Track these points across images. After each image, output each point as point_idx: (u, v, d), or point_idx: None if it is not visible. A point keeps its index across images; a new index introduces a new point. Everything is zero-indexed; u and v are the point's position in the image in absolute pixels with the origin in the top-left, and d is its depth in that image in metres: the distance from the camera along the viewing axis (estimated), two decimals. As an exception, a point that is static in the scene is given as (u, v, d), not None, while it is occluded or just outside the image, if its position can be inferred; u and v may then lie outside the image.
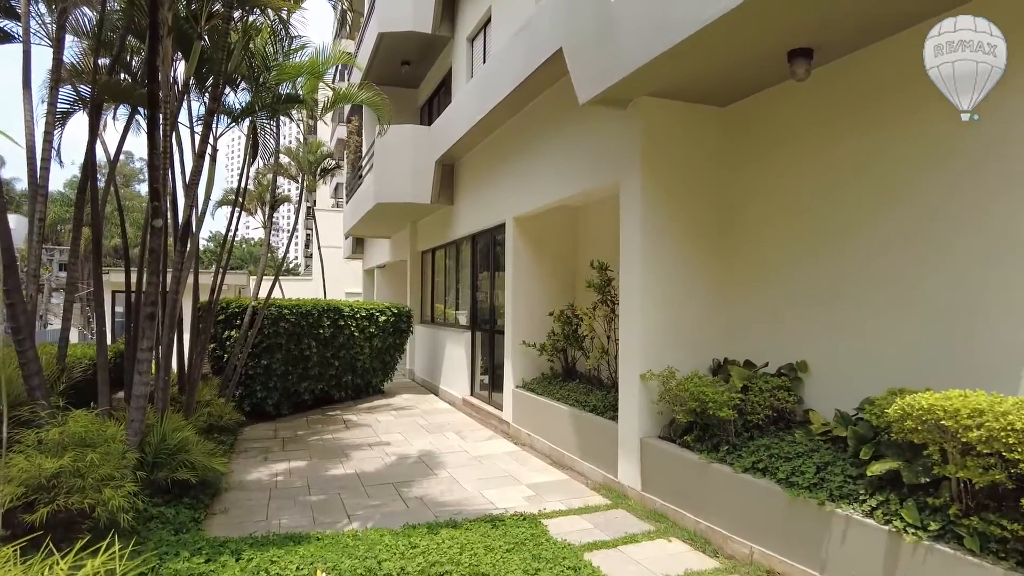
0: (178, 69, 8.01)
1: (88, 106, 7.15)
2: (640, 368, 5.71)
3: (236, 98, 8.66)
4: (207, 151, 5.94)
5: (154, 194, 5.20)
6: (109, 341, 8.80)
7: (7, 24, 7.01)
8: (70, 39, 7.55)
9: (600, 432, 6.38)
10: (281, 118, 9.68)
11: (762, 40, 4.58)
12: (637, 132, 5.87)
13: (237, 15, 7.13)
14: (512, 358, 8.77)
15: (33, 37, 6.70)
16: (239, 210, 9.66)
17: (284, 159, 23.27)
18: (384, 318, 11.57)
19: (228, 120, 7.89)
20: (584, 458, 6.71)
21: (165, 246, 5.53)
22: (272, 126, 9.34)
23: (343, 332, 10.91)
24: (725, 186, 6.05)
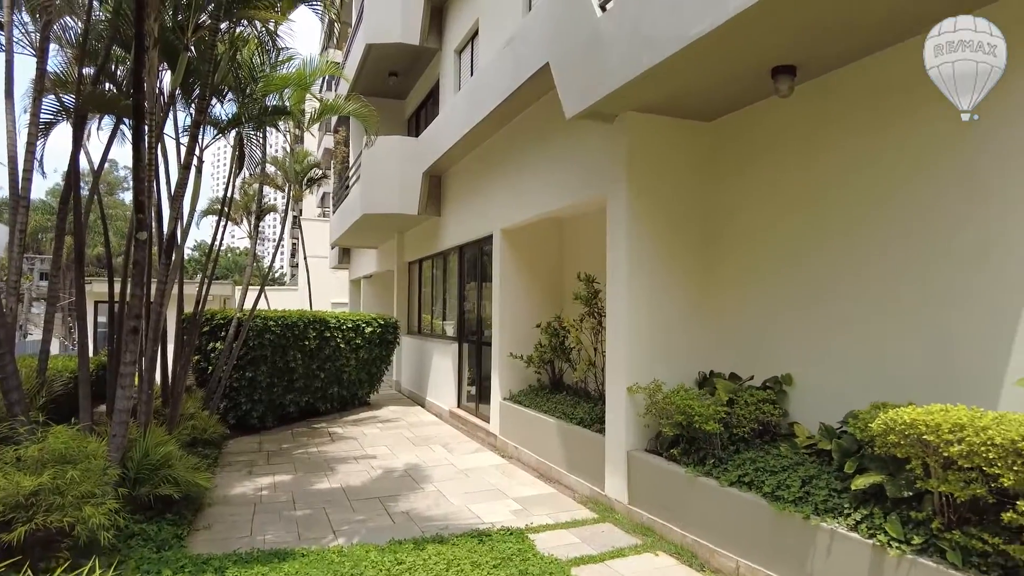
0: (164, 79, 7.97)
1: (72, 117, 7.09)
2: (626, 381, 5.73)
3: (222, 109, 8.63)
4: (193, 163, 5.90)
5: (139, 206, 5.15)
6: (91, 353, 8.69)
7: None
8: (54, 48, 7.50)
9: (587, 445, 6.38)
10: (268, 128, 9.66)
11: (746, 58, 4.64)
12: (623, 146, 5.91)
13: (224, 26, 7.12)
14: (499, 370, 8.76)
15: (16, 46, 6.66)
16: (225, 220, 9.61)
17: (270, 168, 23.16)
18: (371, 329, 11.52)
19: (214, 131, 7.85)
20: (571, 471, 6.70)
21: (149, 258, 5.47)
22: (258, 137, 9.31)
23: (329, 344, 10.85)
24: (711, 200, 6.10)
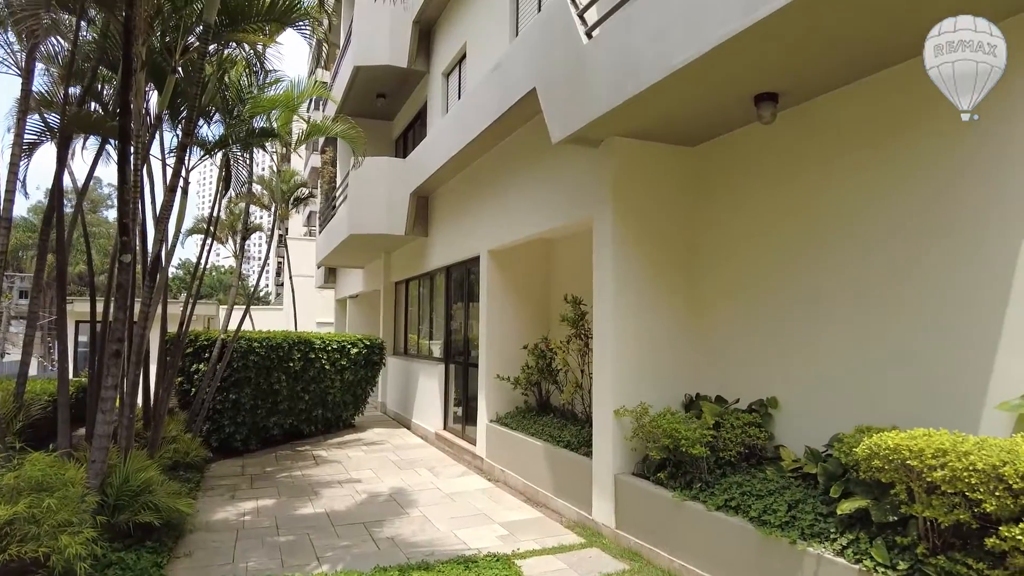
0: (151, 100, 7.96)
1: (56, 137, 7.05)
2: (613, 404, 5.73)
3: (209, 130, 8.62)
4: (179, 185, 5.88)
5: (123, 229, 5.12)
6: (71, 374, 8.56)
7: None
8: (40, 67, 7.46)
9: (574, 469, 6.36)
10: (255, 149, 9.66)
11: (729, 85, 4.73)
12: (609, 170, 5.97)
13: (212, 48, 7.14)
14: (486, 392, 8.73)
15: (0, 66, 6.64)
16: (210, 241, 9.55)
17: (257, 188, 23.11)
18: (356, 350, 11.45)
19: (201, 152, 7.83)
20: (558, 495, 6.66)
21: (133, 280, 5.42)
22: (245, 158, 9.30)
23: (314, 365, 10.76)
24: (696, 222, 6.17)
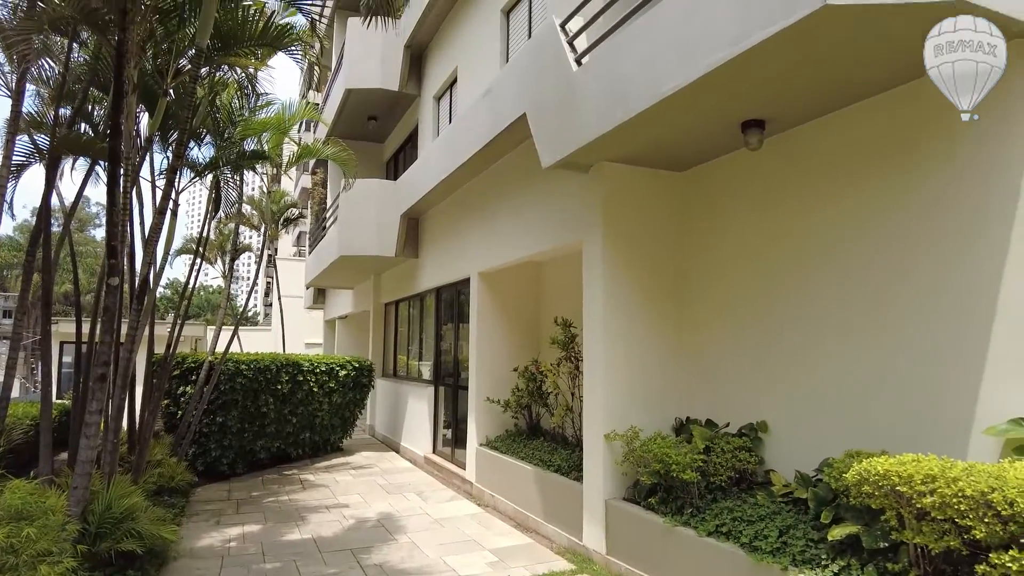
0: (141, 122, 7.95)
1: (45, 158, 7.02)
2: (604, 428, 5.71)
3: (200, 152, 8.63)
4: (168, 207, 5.86)
5: (111, 251, 5.08)
6: (55, 396, 8.43)
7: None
8: (30, 88, 7.45)
9: (565, 493, 6.31)
10: (245, 170, 9.66)
11: (717, 112, 4.80)
12: (599, 195, 6.02)
13: (204, 71, 7.17)
14: (475, 415, 8.68)
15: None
16: (199, 262, 9.50)
17: (246, 208, 23.07)
18: (344, 373, 11.36)
19: (191, 174, 7.82)
20: (549, 520, 6.60)
21: (120, 303, 5.37)
22: (235, 179, 9.29)
23: (302, 388, 10.67)
24: (684, 246, 6.22)
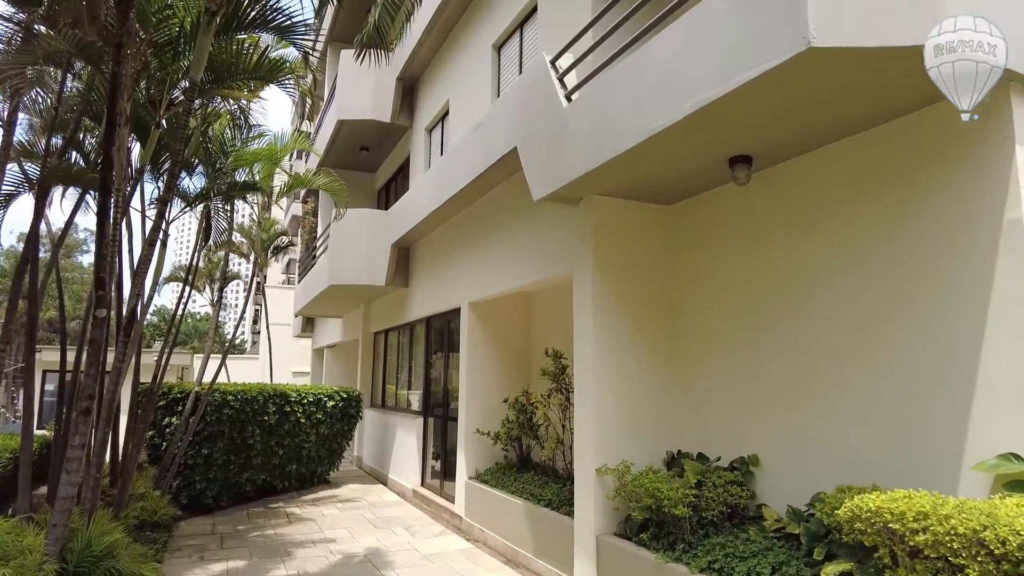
0: (133, 152, 7.96)
1: (35, 188, 7.00)
2: (595, 461, 5.67)
3: (191, 182, 8.64)
4: (158, 238, 5.84)
5: (99, 283, 5.04)
6: (36, 425, 8.27)
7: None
8: (22, 116, 7.44)
9: (555, 528, 6.23)
10: (236, 199, 9.66)
11: (704, 149, 4.88)
12: (589, 227, 6.07)
13: (197, 103, 7.21)
14: (465, 447, 8.59)
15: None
16: (188, 291, 9.44)
17: (236, 236, 23.01)
18: (332, 403, 11.25)
19: (182, 204, 7.82)
20: (539, 556, 6.51)
21: (107, 335, 5.32)
22: (226, 210, 9.29)
23: (289, 418, 10.53)
24: (675, 280, 6.25)
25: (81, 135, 7.90)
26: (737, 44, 3.79)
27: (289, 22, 6.11)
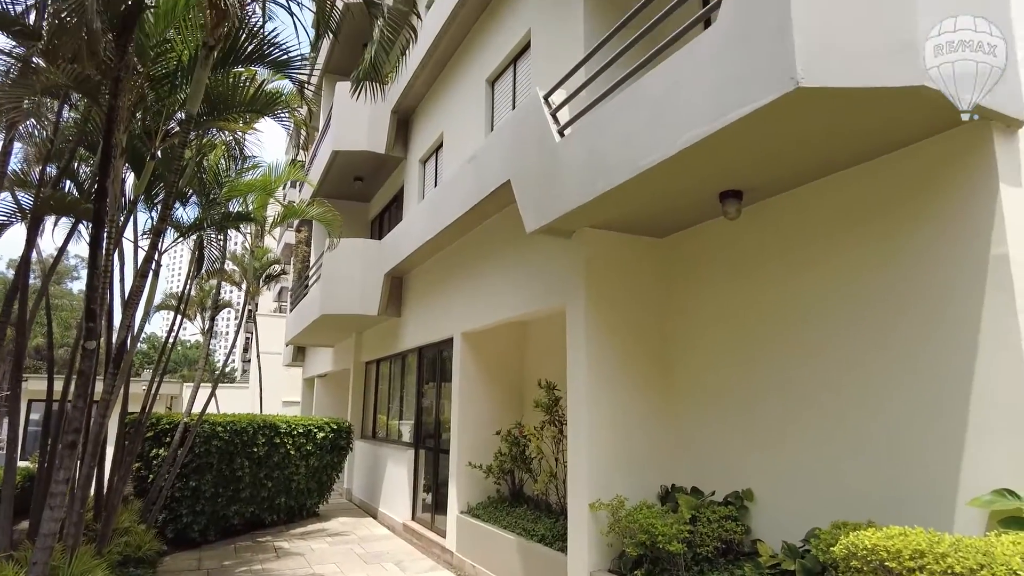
0: (127, 181, 7.97)
1: (28, 218, 6.98)
2: (589, 496, 5.60)
3: (184, 212, 8.65)
4: (150, 269, 5.82)
5: (90, 314, 5.00)
6: (19, 455, 8.12)
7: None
8: (16, 145, 7.45)
9: (548, 565, 6.13)
10: (229, 230, 9.66)
11: (695, 184, 4.94)
12: (581, 259, 6.09)
13: (192, 134, 7.25)
14: (456, 480, 8.49)
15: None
16: (180, 320, 9.37)
17: (229, 264, 22.96)
18: (322, 435, 11.12)
19: (175, 234, 7.81)
20: (531, 592, 6.39)
21: (95, 367, 5.26)
22: (219, 240, 9.29)
23: (278, 450, 10.40)
24: (667, 312, 6.27)
25: (75, 163, 7.91)
26: (727, 82, 3.87)
27: (285, 57, 6.19)
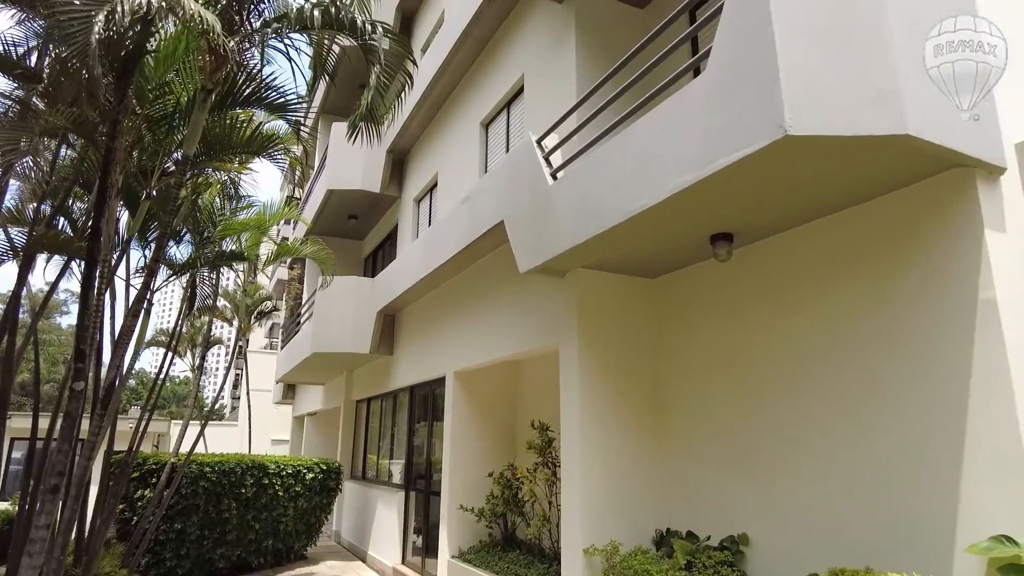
0: (121, 219, 7.98)
1: (20, 256, 6.96)
2: (583, 541, 5.51)
3: (177, 250, 8.65)
4: (142, 309, 5.80)
5: (79, 355, 4.96)
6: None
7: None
8: (12, 181, 7.46)
9: (541, 611, 6.00)
10: (222, 268, 9.66)
11: (685, 227, 5.00)
12: (574, 299, 6.12)
13: (188, 174, 7.29)
14: (448, 523, 8.34)
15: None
16: (170, 357, 9.29)
17: (221, 301, 22.86)
18: (312, 475, 10.94)
19: (167, 273, 7.80)
20: (524, 640, 6.23)
21: (82, 408, 5.19)
22: (211, 278, 9.28)
23: (267, 491, 10.21)
24: (660, 352, 6.27)
25: (70, 201, 7.92)
26: (716, 130, 3.95)
27: (282, 100, 6.28)
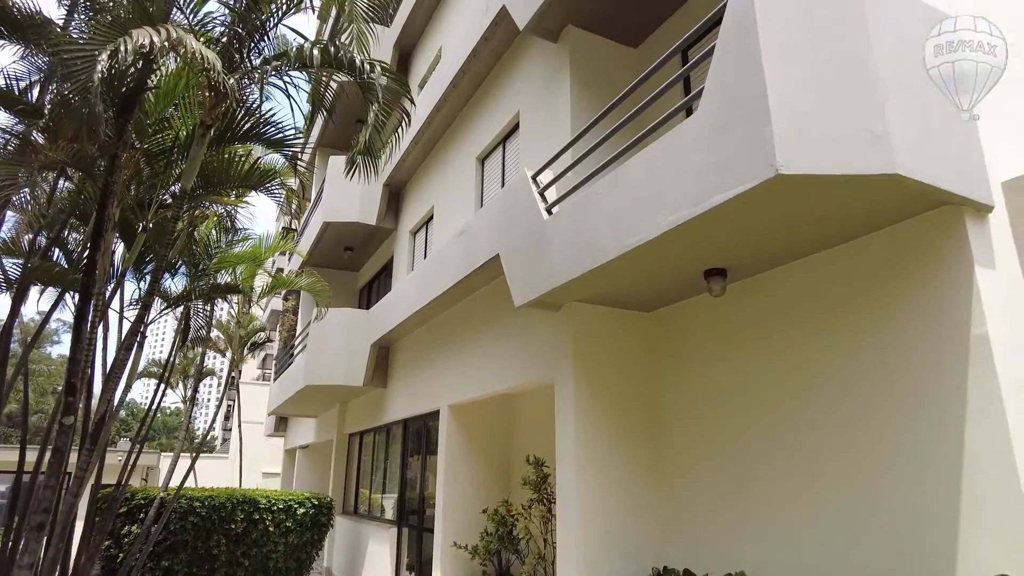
0: (116, 252, 7.97)
1: (14, 288, 6.93)
2: (578, 580, 5.43)
3: (172, 282, 8.64)
4: (135, 342, 5.76)
5: (70, 389, 4.90)
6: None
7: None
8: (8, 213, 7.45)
9: (536, 653, 5.86)
10: (216, 300, 9.63)
11: (680, 262, 5.04)
12: (569, 333, 6.12)
13: (185, 207, 7.32)
14: (441, 561, 8.19)
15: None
16: (163, 389, 9.19)
17: (214, 332, 22.73)
18: (303, 511, 10.74)
19: (161, 305, 7.77)
20: None
21: (71, 444, 5.11)
22: (206, 310, 9.25)
23: (257, 527, 10.01)
24: (655, 387, 6.25)
25: (65, 232, 7.92)
26: (709, 168, 4.01)
27: (280, 135, 6.35)
